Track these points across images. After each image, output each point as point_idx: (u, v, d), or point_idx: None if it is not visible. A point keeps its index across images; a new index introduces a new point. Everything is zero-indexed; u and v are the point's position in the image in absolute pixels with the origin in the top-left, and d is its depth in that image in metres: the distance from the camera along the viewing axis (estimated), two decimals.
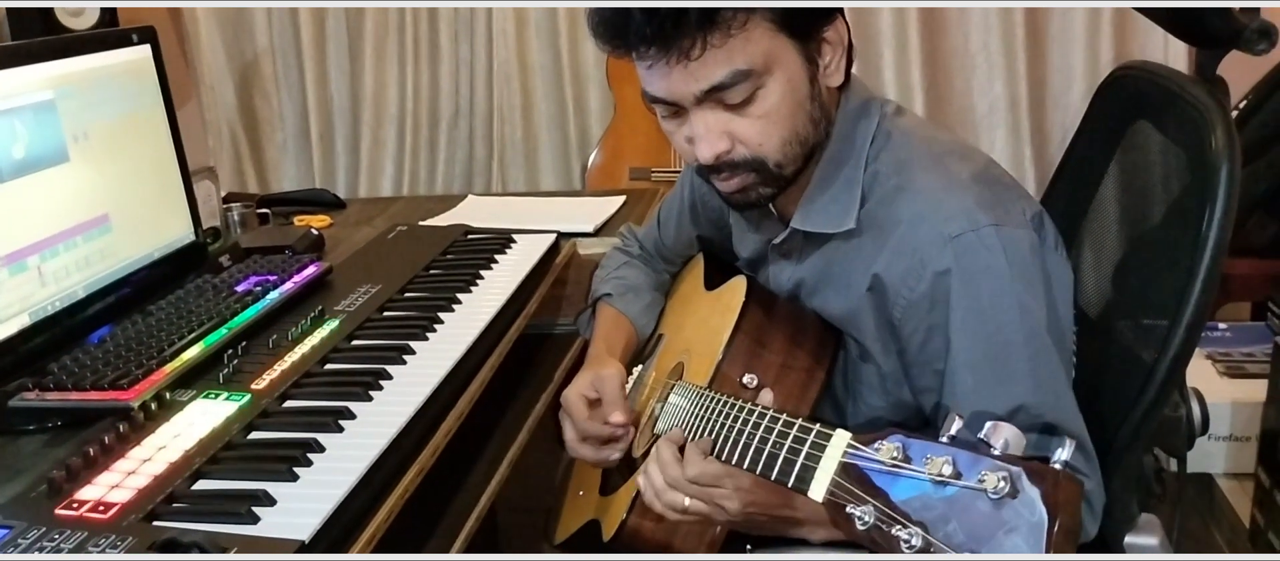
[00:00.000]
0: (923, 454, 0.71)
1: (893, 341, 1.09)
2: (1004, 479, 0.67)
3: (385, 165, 2.95)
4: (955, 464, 0.69)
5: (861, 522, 0.73)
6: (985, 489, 0.67)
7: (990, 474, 0.67)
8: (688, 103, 1.04)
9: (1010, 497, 0.66)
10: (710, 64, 1.01)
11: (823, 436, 0.81)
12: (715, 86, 1.02)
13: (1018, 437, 0.69)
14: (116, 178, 1.38)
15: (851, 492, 0.74)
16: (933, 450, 0.71)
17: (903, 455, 0.73)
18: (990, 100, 2.69)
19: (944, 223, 1.02)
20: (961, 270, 1.01)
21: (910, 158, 1.09)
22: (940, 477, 0.69)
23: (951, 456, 0.70)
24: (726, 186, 1.10)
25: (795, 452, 0.84)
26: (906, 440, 0.73)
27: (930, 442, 0.72)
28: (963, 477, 0.69)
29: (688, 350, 1.25)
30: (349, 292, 1.45)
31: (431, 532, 1.24)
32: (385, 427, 1.07)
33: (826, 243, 1.13)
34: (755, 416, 0.93)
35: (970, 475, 0.68)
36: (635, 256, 1.52)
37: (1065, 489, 0.66)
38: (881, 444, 0.74)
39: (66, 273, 1.27)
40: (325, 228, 1.95)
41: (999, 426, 0.69)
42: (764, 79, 1.03)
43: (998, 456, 0.68)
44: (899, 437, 0.74)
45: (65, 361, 1.18)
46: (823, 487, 0.78)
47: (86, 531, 0.89)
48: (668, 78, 1.03)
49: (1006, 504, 0.66)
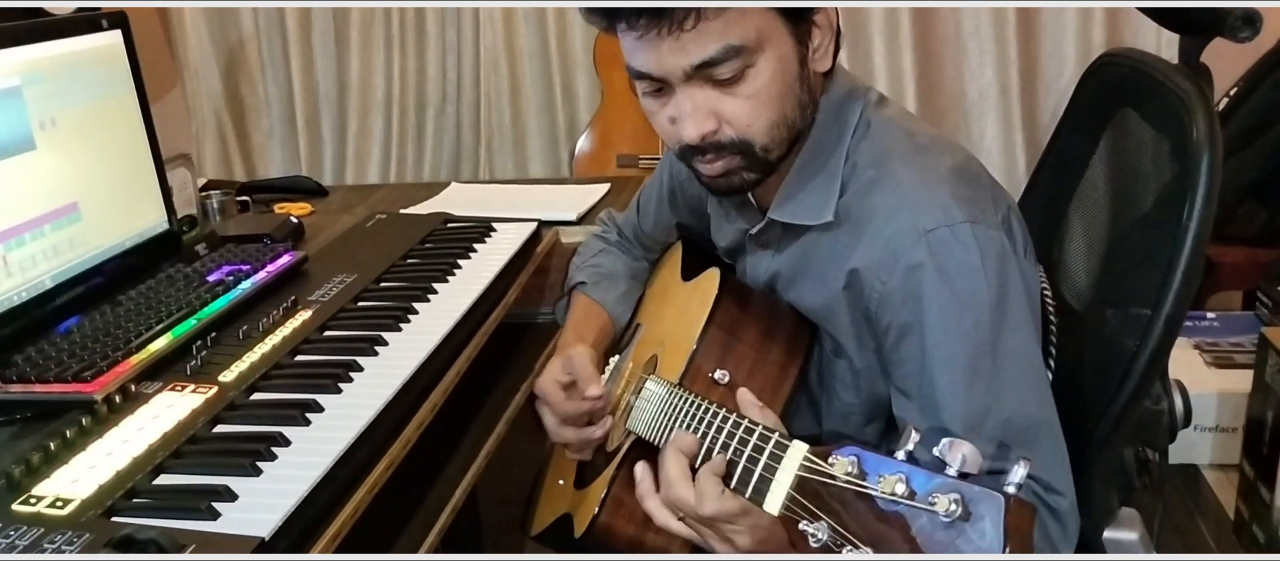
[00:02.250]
0: (877, 470, 0.70)
1: (868, 337, 1.07)
2: (955, 501, 0.65)
3: (372, 152, 2.93)
4: (909, 482, 0.68)
5: (815, 539, 0.71)
6: (937, 511, 0.65)
7: (942, 496, 0.65)
8: (675, 78, 1.02)
9: (962, 520, 0.65)
10: (702, 37, 0.98)
11: (780, 447, 0.79)
12: (705, 62, 0.99)
13: (974, 455, 0.67)
14: (86, 166, 1.36)
15: (806, 508, 0.73)
16: (887, 467, 0.70)
17: (857, 470, 0.71)
18: (981, 87, 2.67)
19: (919, 216, 1.01)
20: (936, 265, 0.99)
21: (889, 150, 1.07)
22: (893, 496, 0.68)
23: (905, 474, 0.68)
24: (710, 169, 1.07)
25: (754, 461, 0.82)
26: (861, 454, 0.71)
27: (886, 459, 0.70)
28: (915, 497, 0.67)
29: (663, 342, 1.24)
30: (324, 282, 1.43)
31: (406, 525, 1.22)
32: (352, 421, 1.06)
33: (804, 234, 1.12)
34: (719, 420, 0.91)
35: (922, 495, 0.67)
36: (613, 243, 1.50)
37: (1016, 513, 0.64)
38: (837, 458, 0.72)
39: (33, 262, 1.25)
40: (306, 215, 1.93)
41: (955, 443, 0.67)
42: (755, 57, 1.01)
43: (953, 475, 0.66)
44: (854, 452, 0.72)
45: (30, 353, 1.16)
46: (779, 501, 0.76)
47: (42, 527, 0.87)
48: (657, 50, 1.00)
49: (958, 527, 0.65)
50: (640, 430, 1.11)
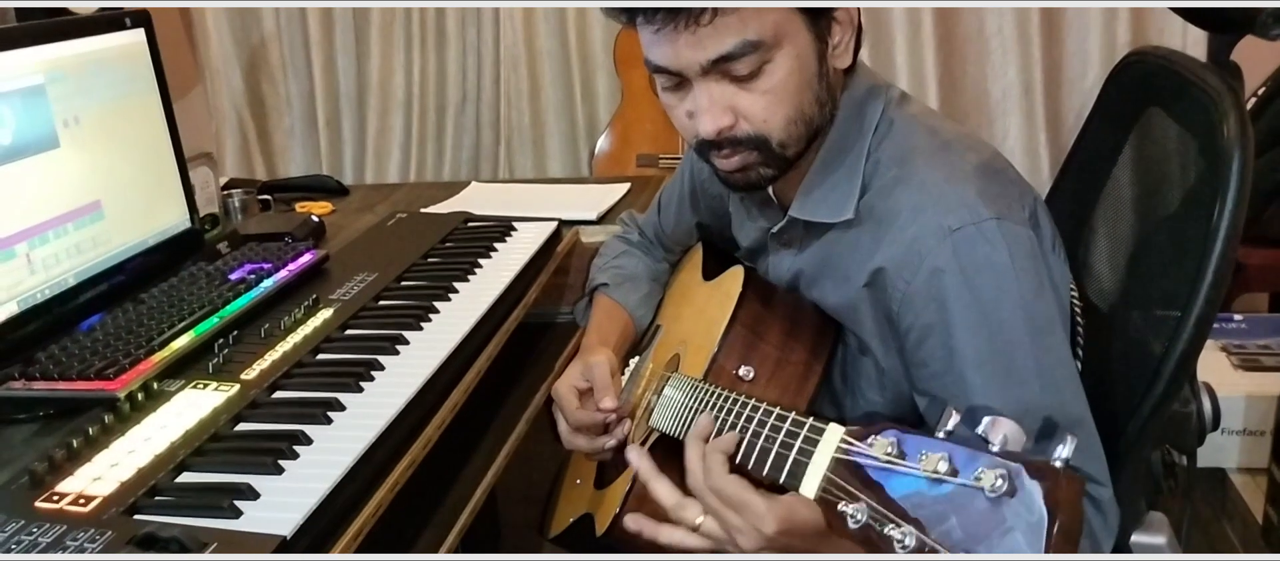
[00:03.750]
0: (918, 449, 0.69)
1: (892, 336, 1.06)
2: (1001, 476, 0.64)
3: (392, 151, 2.93)
4: (952, 460, 0.67)
5: (854, 521, 0.70)
6: (982, 486, 0.64)
7: (987, 471, 0.65)
8: (692, 73, 1.01)
9: (1008, 496, 0.64)
10: (720, 32, 0.98)
11: (815, 431, 0.78)
12: (723, 57, 0.99)
13: (1017, 433, 0.66)
14: (109, 164, 1.36)
15: (844, 489, 0.72)
16: (928, 446, 0.69)
17: (897, 450, 0.70)
18: (1004, 86, 2.65)
19: (944, 215, 0.99)
20: (961, 266, 0.98)
21: (913, 147, 1.06)
22: (936, 474, 0.67)
23: (948, 452, 0.67)
24: (726, 164, 1.06)
25: (787, 447, 0.81)
26: (901, 435, 0.71)
27: (926, 438, 0.70)
28: (959, 474, 0.66)
29: (684, 341, 1.23)
30: (345, 281, 1.44)
31: (426, 525, 1.22)
32: (374, 420, 1.06)
33: (826, 232, 1.11)
34: (748, 410, 0.90)
35: (967, 472, 0.66)
36: (634, 244, 1.50)
37: (1066, 487, 0.63)
38: (875, 439, 0.72)
39: (56, 260, 1.26)
40: (327, 214, 1.93)
41: (997, 421, 0.67)
42: (773, 52, 1.00)
43: (996, 453, 0.66)
44: (893, 432, 0.71)
45: (53, 350, 1.16)
46: (815, 484, 0.76)
47: (65, 525, 0.87)
48: (674, 44, 1.00)
49: (1005, 502, 0.64)
50: (664, 427, 1.11)
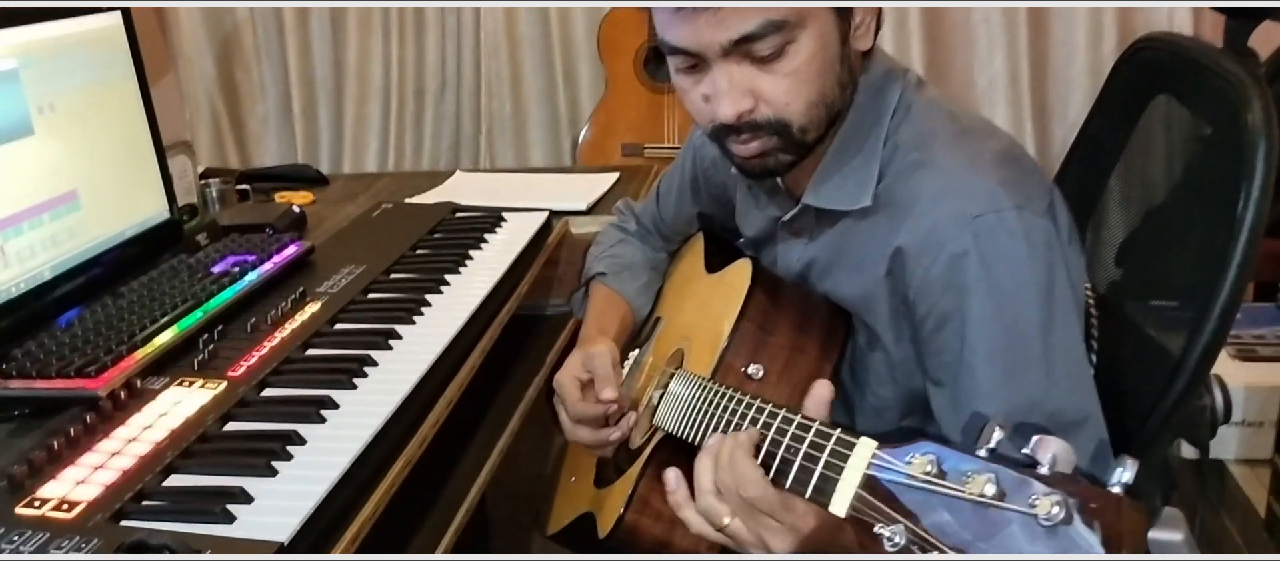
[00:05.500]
0: (961, 470, 0.64)
1: (906, 326, 1.03)
2: (1058, 503, 0.59)
3: (370, 140, 2.87)
4: (999, 483, 0.62)
5: (892, 544, 0.66)
6: (1036, 513, 0.59)
7: (1043, 499, 0.59)
8: (712, 54, 0.97)
9: (1065, 524, 0.59)
10: (742, 11, 0.94)
11: (844, 444, 0.73)
12: (745, 37, 0.95)
13: (1067, 454, 0.62)
14: (85, 151, 1.31)
15: (879, 509, 0.67)
16: (971, 465, 0.64)
17: (937, 469, 0.65)
18: (990, 75, 2.63)
19: (965, 201, 0.96)
20: (981, 254, 0.95)
21: (932, 132, 1.03)
22: (982, 499, 0.62)
23: (993, 474, 0.62)
24: (744, 150, 1.02)
25: (812, 460, 0.76)
26: (940, 451, 0.66)
27: (967, 457, 0.65)
28: (1007, 499, 0.61)
29: (688, 336, 1.19)
30: (332, 273, 1.39)
31: (419, 526, 1.18)
32: (370, 418, 1.01)
33: (840, 220, 1.07)
34: (765, 415, 0.86)
35: (1018, 497, 0.61)
36: (631, 233, 1.46)
37: (1130, 518, 0.59)
38: (913, 456, 0.66)
39: (32, 252, 1.20)
40: (307, 205, 1.88)
41: (1045, 441, 0.62)
42: (796, 32, 0.96)
43: (1046, 475, 0.61)
44: (932, 449, 0.66)
45: (30, 347, 1.11)
46: (845, 502, 0.71)
47: (48, 532, 0.83)
48: (693, 23, 0.96)
49: (1061, 532, 0.59)
50: (669, 427, 1.07)
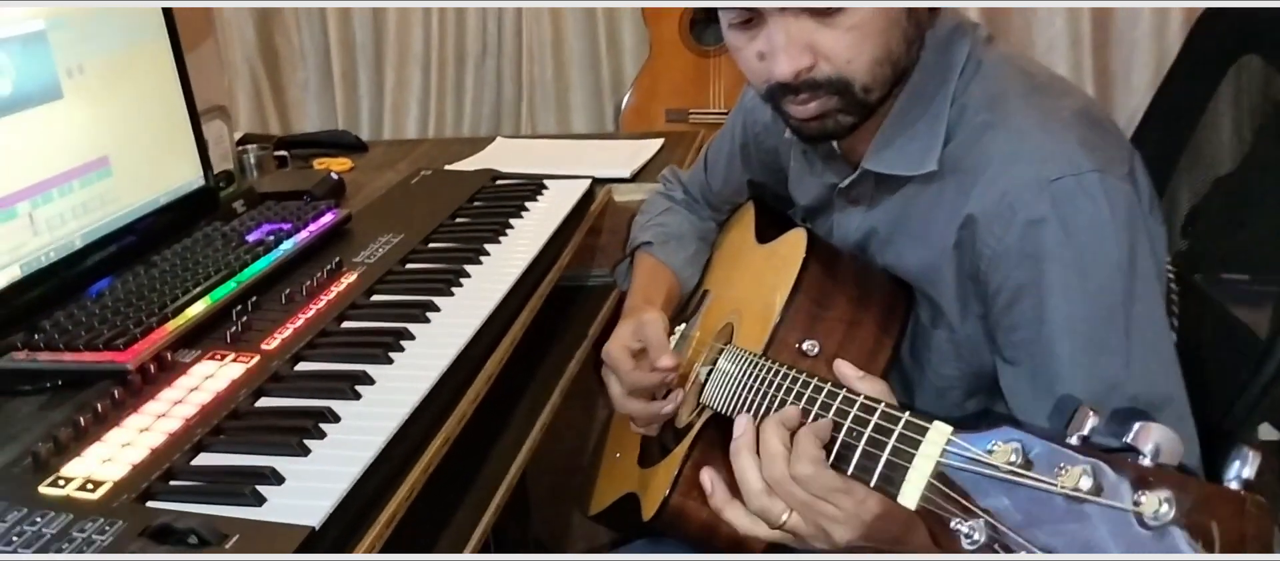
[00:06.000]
0: (1052, 461, 0.57)
1: (974, 301, 0.96)
2: (1166, 500, 0.53)
3: (410, 106, 2.83)
4: (1096, 476, 0.55)
5: (969, 540, 0.59)
6: (1142, 512, 0.53)
7: (1149, 495, 0.53)
8: (768, 8, 0.91)
9: (1174, 524, 0.52)
10: None
11: (915, 428, 0.67)
12: None
13: (1173, 444, 0.55)
14: (117, 116, 1.27)
15: (955, 502, 0.61)
16: (1065, 457, 0.57)
17: (1022, 459, 0.59)
18: (1050, 37, 2.53)
19: (1041, 164, 0.89)
20: (1060, 220, 0.88)
21: (1005, 91, 0.96)
22: (1077, 493, 0.56)
23: (1091, 466, 0.56)
24: (802, 111, 0.95)
25: (877, 445, 0.70)
26: (1026, 438, 0.59)
27: (1057, 445, 0.58)
28: (1106, 494, 0.55)
29: (738, 310, 1.13)
30: (369, 242, 1.35)
31: (458, 505, 1.14)
32: (406, 395, 0.97)
33: (902, 187, 1.01)
34: (824, 395, 0.80)
35: (1119, 493, 0.54)
36: (678, 202, 1.40)
37: (1255, 519, 0.52)
38: (996, 443, 0.60)
39: (62, 220, 1.17)
40: (346, 171, 1.84)
41: (1148, 428, 0.55)
42: None
43: (1150, 468, 0.54)
44: (1016, 435, 0.59)
45: (59, 317, 1.08)
46: (916, 493, 0.65)
47: (72, 513, 0.79)
48: None
49: (1167, 532, 0.52)
50: (717, 405, 1.01)
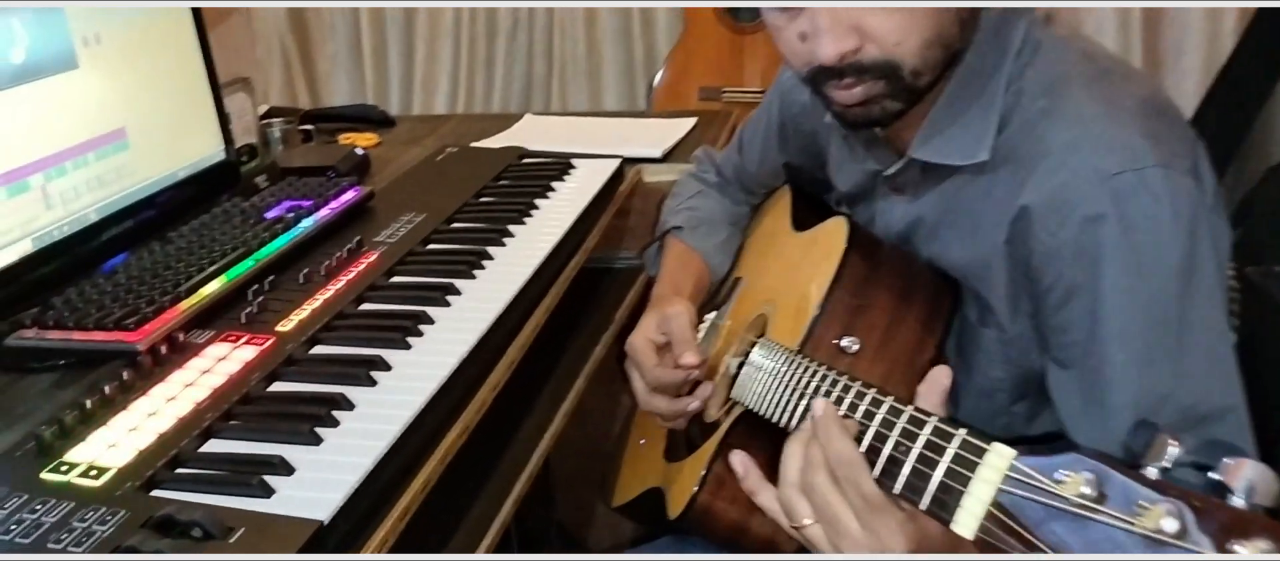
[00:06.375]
0: (1130, 497, 0.52)
1: (1025, 298, 0.91)
2: (1268, 549, 0.48)
3: (440, 80, 2.79)
4: (1182, 518, 0.50)
5: None
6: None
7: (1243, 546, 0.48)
8: None
9: None
10: None
11: (972, 448, 0.61)
12: None
13: (1269, 484, 0.49)
14: (134, 87, 1.24)
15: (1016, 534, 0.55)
16: (1144, 494, 0.52)
17: (1096, 493, 0.53)
18: (1098, 18, 2.44)
19: (1102, 156, 0.84)
20: (1119, 217, 0.83)
21: (1064, 75, 0.90)
22: (1159, 535, 0.50)
23: (1176, 507, 0.51)
24: (846, 96, 0.90)
25: (929, 464, 0.64)
26: (1100, 469, 0.54)
27: (1136, 483, 0.53)
28: (1191, 537, 0.49)
29: (772, 301, 1.09)
30: (391, 221, 1.31)
31: (478, 494, 1.10)
32: (423, 382, 0.93)
33: (951, 176, 0.95)
34: (868, 402, 0.73)
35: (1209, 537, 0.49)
36: (711, 184, 1.35)
37: None
38: (1065, 473, 0.55)
39: (76, 194, 1.14)
40: (372, 147, 1.81)
41: (1241, 465, 0.50)
42: None
43: (1242, 509, 0.49)
44: (1089, 466, 0.54)
45: (70, 295, 1.05)
46: (973, 522, 0.59)
47: (73, 501, 0.76)
48: None
49: None
50: (748, 402, 0.97)
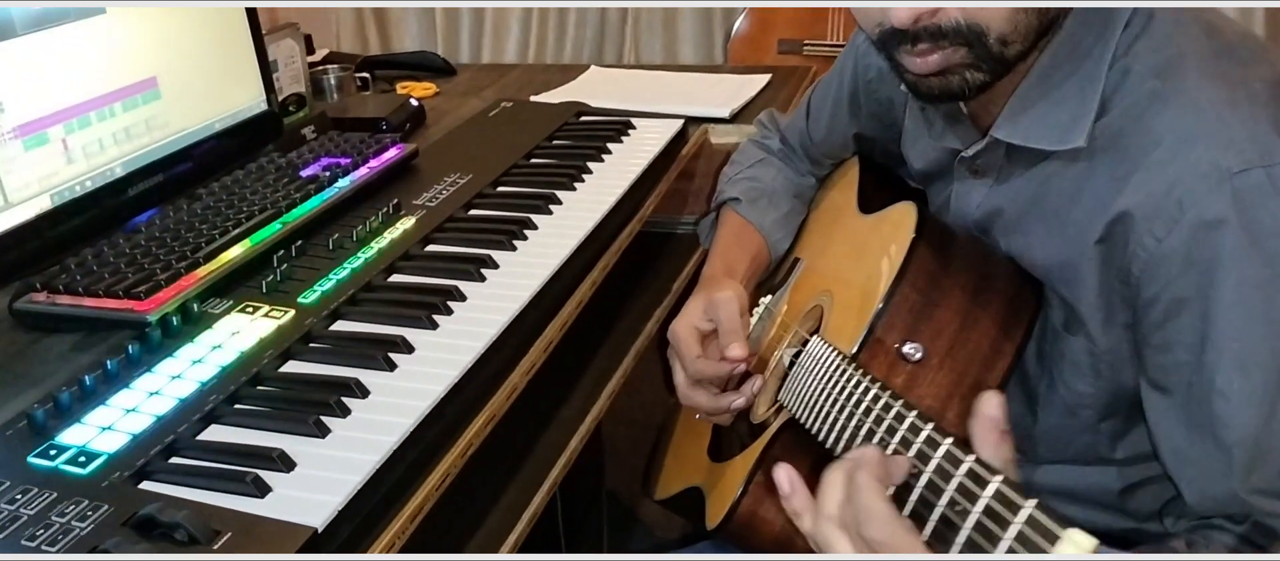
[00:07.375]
0: None
1: (1120, 308, 0.80)
2: None
3: (511, 27, 2.71)
4: None
5: None
6: None
7: None
8: None
9: None
10: None
11: (1040, 529, 0.51)
12: None
13: None
14: (166, 33, 1.18)
15: None
16: None
17: None
18: None
19: (1223, 151, 0.72)
20: (1243, 224, 0.71)
21: (1181, 52, 0.78)
22: None
23: None
24: (921, 64, 0.79)
25: (988, 535, 0.55)
26: None
27: None
28: None
29: (830, 290, 0.98)
30: (434, 182, 1.24)
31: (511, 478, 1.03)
32: (445, 369, 0.86)
33: (1040, 161, 0.84)
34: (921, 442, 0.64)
35: None
36: (774, 152, 1.24)
37: None
38: None
39: (100, 147, 1.09)
40: (429, 97, 1.74)
41: None
42: None
43: None
44: None
45: (86, 256, 0.99)
46: None
47: (56, 491, 0.71)
48: None
49: None
50: (795, 407, 0.87)
